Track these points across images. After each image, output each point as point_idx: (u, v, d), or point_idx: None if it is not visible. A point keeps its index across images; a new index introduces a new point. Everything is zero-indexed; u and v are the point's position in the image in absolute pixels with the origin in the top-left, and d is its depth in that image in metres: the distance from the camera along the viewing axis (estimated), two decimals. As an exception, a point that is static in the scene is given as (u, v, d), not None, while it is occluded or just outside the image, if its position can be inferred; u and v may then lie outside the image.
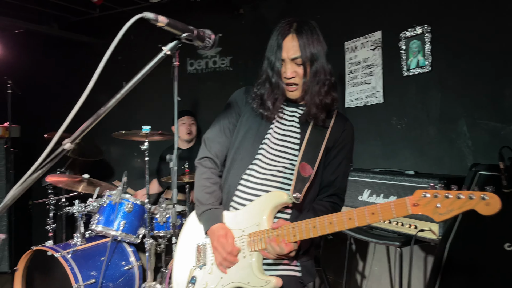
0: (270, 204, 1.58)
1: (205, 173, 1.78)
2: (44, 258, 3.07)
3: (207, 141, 1.83)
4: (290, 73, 1.61)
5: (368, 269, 3.09)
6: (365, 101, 3.22)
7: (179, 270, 1.77)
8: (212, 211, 1.70)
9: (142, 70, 1.23)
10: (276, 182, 1.66)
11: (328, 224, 1.42)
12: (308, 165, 1.63)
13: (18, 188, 1.20)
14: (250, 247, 1.57)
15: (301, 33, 1.60)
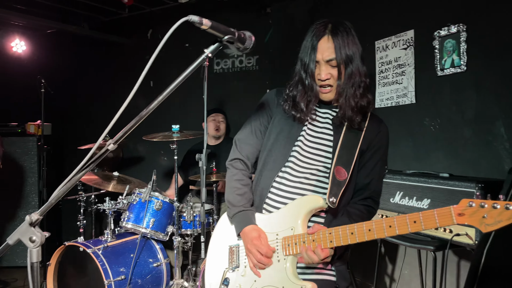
0: (305, 208, 1.56)
1: (236, 174, 1.78)
2: (76, 254, 3.14)
3: (238, 143, 1.83)
4: (325, 75, 1.58)
5: (397, 272, 3.04)
6: (396, 101, 3.16)
7: (211, 271, 1.77)
8: (244, 212, 1.70)
9: (184, 72, 1.23)
10: (309, 185, 1.65)
11: (367, 231, 1.40)
12: (343, 168, 1.60)
13: (62, 187, 1.22)
14: (284, 251, 1.56)
15: (336, 34, 1.57)
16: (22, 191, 4.69)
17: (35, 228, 1.20)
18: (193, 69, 1.24)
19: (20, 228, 1.19)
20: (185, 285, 3.30)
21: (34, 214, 1.20)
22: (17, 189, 4.67)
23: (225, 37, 1.22)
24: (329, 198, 1.54)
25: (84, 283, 3.14)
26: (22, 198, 4.69)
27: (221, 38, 1.23)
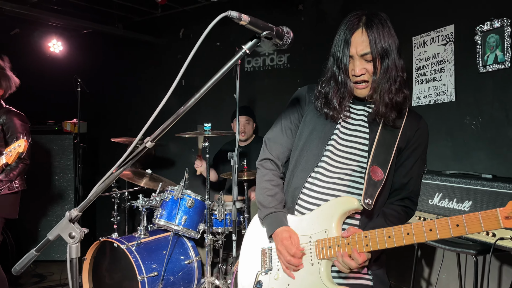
0: (339, 210, 1.50)
1: (267, 175, 1.74)
2: (110, 249, 3.21)
3: (268, 142, 1.78)
4: (359, 70, 1.50)
5: (434, 276, 2.94)
6: (434, 99, 3.06)
7: (244, 273, 1.74)
8: (275, 214, 1.65)
9: (221, 69, 1.21)
10: (344, 186, 1.57)
11: (406, 234, 1.32)
12: (379, 168, 1.52)
13: (101, 184, 1.23)
14: (318, 255, 1.50)
15: (371, 26, 1.48)
16: (58, 187, 4.84)
17: (74, 224, 1.21)
18: (231, 66, 1.22)
19: (60, 224, 1.20)
20: (216, 283, 3.31)
21: (74, 211, 1.21)
22: (54, 185, 4.82)
23: (263, 32, 1.18)
24: (364, 200, 1.47)
25: (117, 279, 3.20)
26: (58, 194, 4.84)
27: (259, 34, 1.19)
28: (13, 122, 3.03)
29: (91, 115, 5.19)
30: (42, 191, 4.70)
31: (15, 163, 2.96)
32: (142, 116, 6.02)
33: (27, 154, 3.03)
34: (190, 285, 3.37)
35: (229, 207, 3.48)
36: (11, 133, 3.02)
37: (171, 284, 3.19)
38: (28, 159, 3.07)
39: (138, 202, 3.42)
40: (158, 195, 3.42)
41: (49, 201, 4.80)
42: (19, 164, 3.00)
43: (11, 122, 3.03)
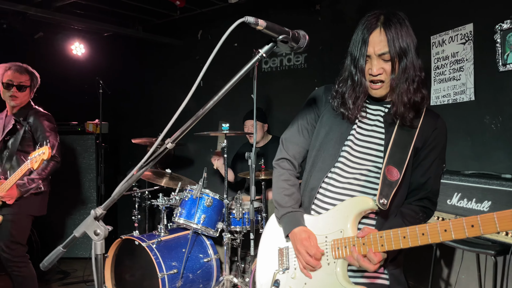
0: (354, 210, 1.51)
1: (283, 174, 1.76)
2: (131, 247, 3.28)
3: (285, 142, 1.81)
4: (377, 70, 1.50)
5: (454, 277, 2.91)
6: (453, 98, 3.03)
7: (261, 271, 1.77)
8: (292, 214, 1.67)
9: (239, 72, 1.24)
10: (359, 186, 1.58)
11: (420, 235, 1.32)
12: (394, 168, 1.52)
13: (124, 184, 1.27)
14: (334, 254, 1.52)
15: (389, 26, 1.48)
16: (81, 186, 4.97)
17: (99, 222, 1.26)
18: (248, 69, 1.25)
19: (85, 221, 1.26)
20: (234, 281, 3.35)
21: (98, 209, 1.26)
22: (76, 184, 4.95)
23: (279, 36, 1.21)
24: (379, 200, 1.47)
25: (138, 276, 3.28)
26: (81, 194, 4.97)
27: (275, 38, 1.22)
28: (41, 123, 3.13)
29: (112, 116, 5.30)
30: (65, 190, 4.81)
31: (46, 162, 3.05)
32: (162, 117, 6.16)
33: (57, 152, 3.13)
34: (209, 283, 3.43)
35: (247, 206, 3.53)
36: (40, 133, 3.12)
37: (190, 282, 3.25)
38: (59, 157, 3.15)
39: (158, 201, 3.49)
40: (177, 194, 3.49)
41: (72, 199, 4.93)
42: (50, 162, 3.08)
43: (39, 123, 3.13)
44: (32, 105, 3.28)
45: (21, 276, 3.03)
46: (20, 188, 2.94)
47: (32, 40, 5.11)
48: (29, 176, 3.00)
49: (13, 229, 2.99)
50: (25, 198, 3.05)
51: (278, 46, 1.26)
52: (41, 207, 3.22)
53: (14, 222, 3.01)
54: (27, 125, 3.11)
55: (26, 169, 2.79)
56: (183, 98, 1.23)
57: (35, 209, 3.16)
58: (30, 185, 2.99)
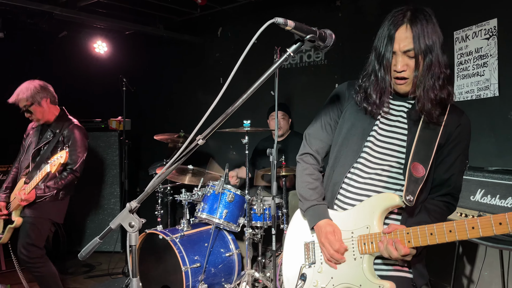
0: (380, 207, 1.53)
1: (307, 169, 1.80)
2: (155, 241, 3.36)
3: (308, 137, 1.84)
4: (401, 66, 1.51)
5: (476, 273, 2.90)
6: (477, 94, 3.00)
7: (288, 265, 1.81)
8: (317, 206, 1.70)
9: (267, 70, 1.28)
10: (381, 181, 1.61)
11: (448, 232, 1.34)
12: (420, 165, 1.53)
13: (157, 178, 1.33)
14: (360, 250, 1.55)
15: (415, 23, 1.48)
16: (105, 182, 5.09)
17: (133, 214, 1.32)
18: (276, 68, 1.29)
19: (121, 214, 1.32)
20: (255, 276, 3.40)
21: (133, 202, 1.32)
22: (100, 180, 5.08)
23: (307, 36, 1.25)
24: (405, 196, 1.49)
25: (162, 269, 3.35)
26: (105, 189, 5.10)
27: (303, 38, 1.26)
28: (74, 136, 3.24)
29: (135, 112, 5.41)
30: (90, 185, 4.94)
31: (66, 173, 3.18)
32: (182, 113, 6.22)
33: (79, 168, 3.24)
34: (230, 277, 3.49)
35: (268, 202, 3.57)
36: (71, 145, 3.22)
37: (212, 276, 3.31)
38: (79, 173, 3.26)
39: (181, 196, 3.56)
40: (199, 189, 3.55)
41: (97, 195, 5.07)
42: (69, 175, 3.20)
43: (72, 134, 3.24)
44: (67, 115, 3.39)
45: (40, 275, 3.14)
46: (37, 193, 3.06)
47: (56, 39, 5.25)
48: (47, 184, 3.11)
49: (31, 232, 3.10)
50: (46, 203, 3.15)
51: (305, 45, 1.29)
52: (59, 214, 3.32)
53: (34, 224, 3.12)
54: (61, 136, 3.22)
55: (45, 172, 2.90)
56: (203, 95, 1.28)
57: (55, 214, 3.27)
58: (46, 193, 3.11)
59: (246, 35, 3.41)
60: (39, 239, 3.14)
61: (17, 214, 3.13)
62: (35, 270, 3.12)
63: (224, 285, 3.41)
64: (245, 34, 4.87)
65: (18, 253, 3.08)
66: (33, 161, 3.22)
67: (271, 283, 3.33)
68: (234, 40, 5.07)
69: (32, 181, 2.99)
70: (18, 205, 3.09)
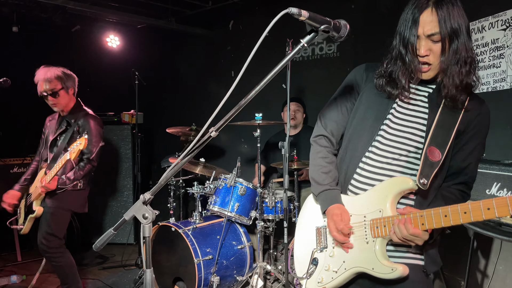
0: (393, 190, 1.51)
1: (321, 152, 1.76)
2: (168, 233, 3.40)
3: (323, 119, 1.80)
4: (424, 51, 1.47)
5: (491, 268, 2.86)
6: (493, 86, 2.95)
7: (300, 250, 1.80)
8: (329, 191, 1.68)
9: (280, 62, 1.27)
10: (398, 166, 1.57)
11: (462, 213, 1.31)
12: (437, 149, 1.51)
13: (170, 170, 1.33)
14: (373, 233, 1.53)
15: (441, 6, 1.44)
16: (118, 175, 5.14)
17: (147, 206, 1.32)
18: (290, 59, 1.28)
19: (135, 206, 1.33)
20: (267, 268, 3.41)
21: (147, 194, 1.33)
22: (113, 173, 5.12)
23: (321, 26, 1.23)
24: (419, 179, 1.47)
25: (174, 261, 3.39)
26: (118, 182, 5.14)
27: (317, 28, 1.24)
28: (89, 126, 3.26)
29: (147, 106, 5.44)
30: (103, 178, 4.99)
31: (83, 163, 3.22)
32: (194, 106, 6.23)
33: (96, 157, 3.27)
34: (242, 270, 3.51)
35: (280, 195, 3.57)
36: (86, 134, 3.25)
37: (224, 268, 3.33)
38: (96, 162, 3.28)
39: (193, 189, 3.58)
40: (212, 182, 3.56)
41: (110, 188, 5.12)
42: (87, 165, 3.23)
43: (87, 124, 3.26)
44: (82, 106, 3.42)
45: (58, 265, 3.19)
46: (59, 183, 3.09)
47: (69, 33, 5.30)
48: (67, 175, 3.14)
49: (52, 222, 3.14)
50: (66, 193, 3.19)
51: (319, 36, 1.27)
52: (81, 204, 3.36)
53: (54, 215, 3.16)
54: (77, 126, 3.25)
55: (65, 160, 2.92)
56: (215, 88, 1.27)
57: (75, 205, 3.31)
58: (67, 184, 3.14)
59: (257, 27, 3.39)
60: (59, 230, 3.19)
61: (38, 204, 3.19)
62: (54, 260, 3.17)
63: (236, 278, 3.43)
64: (256, 26, 4.84)
65: (38, 243, 3.14)
66: (51, 151, 3.26)
67: (282, 275, 3.34)
68: (246, 33, 5.05)
69: (52, 170, 3.02)
70: (39, 194, 3.14)
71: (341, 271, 1.59)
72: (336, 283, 1.61)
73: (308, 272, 1.66)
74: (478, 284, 2.94)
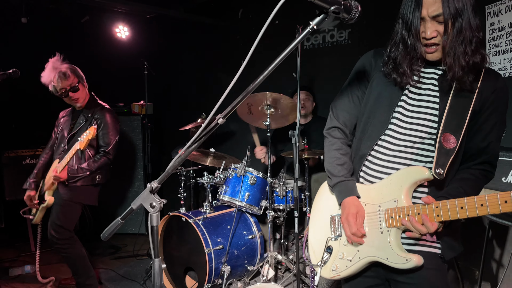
0: (409, 180, 1.48)
1: (335, 143, 1.74)
2: (178, 223, 3.40)
3: (335, 110, 1.78)
4: (431, 33, 1.43)
5: (506, 257, 2.80)
6: (509, 71, 2.86)
7: (314, 238, 1.79)
8: (345, 183, 1.66)
9: (288, 46, 1.23)
10: (411, 153, 1.54)
11: (479, 206, 1.28)
12: (451, 135, 1.46)
13: (178, 159, 1.31)
14: (387, 223, 1.51)
15: None
16: (128, 165, 5.15)
17: (154, 195, 1.30)
18: (298, 42, 1.24)
19: (142, 195, 1.31)
20: (278, 258, 3.40)
21: (154, 183, 1.31)
22: (124, 163, 5.13)
23: (331, 7, 1.18)
24: (435, 169, 1.43)
25: (185, 251, 3.39)
26: (128, 172, 5.16)
27: (327, 9, 1.19)
28: (106, 120, 3.29)
29: (157, 96, 5.42)
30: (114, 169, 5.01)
31: (99, 156, 3.24)
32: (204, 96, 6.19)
33: (112, 150, 3.30)
34: (253, 259, 3.50)
35: (290, 185, 3.54)
36: (103, 129, 3.27)
37: (235, 258, 3.32)
38: (112, 155, 3.31)
39: (203, 179, 3.57)
40: (222, 172, 3.54)
41: (121, 178, 5.13)
42: (102, 158, 3.25)
43: (103, 118, 3.29)
44: (97, 100, 3.44)
45: (68, 256, 3.23)
46: (69, 173, 3.10)
47: (79, 24, 5.29)
48: (80, 165, 3.15)
49: (62, 214, 3.17)
50: (79, 186, 3.21)
51: (329, 17, 1.23)
52: (93, 198, 3.39)
53: (64, 207, 3.19)
54: (94, 120, 3.26)
55: (75, 149, 2.94)
56: (224, 77, 1.24)
57: (87, 198, 3.34)
58: (78, 173, 3.15)
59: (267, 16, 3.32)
60: (68, 222, 3.21)
61: (50, 194, 3.21)
62: (63, 251, 3.20)
63: (247, 267, 3.42)
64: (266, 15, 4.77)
65: (48, 234, 3.17)
66: (68, 146, 3.27)
67: (293, 265, 3.33)
68: (255, 22, 4.98)
69: (63, 160, 3.04)
70: (51, 184, 3.17)
71: (355, 260, 1.58)
72: (350, 272, 1.60)
73: (322, 260, 1.66)
74: (493, 274, 2.88)
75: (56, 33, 5.39)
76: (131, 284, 3.67)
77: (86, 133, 2.90)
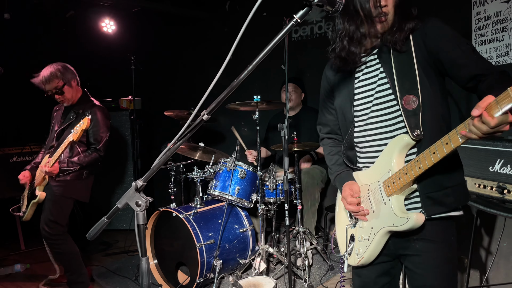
0: (395, 150, 1.54)
1: (327, 149, 1.92)
2: (169, 219, 3.39)
3: (319, 127, 1.95)
4: (384, 1, 1.47)
5: (494, 245, 2.84)
6: (495, 60, 2.87)
7: (339, 232, 1.88)
8: (339, 175, 1.80)
9: (273, 39, 1.21)
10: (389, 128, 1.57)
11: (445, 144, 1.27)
12: (411, 95, 1.48)
13: (163, 156, 1.29)
14: (387, 193, 1.56)
15: None
16: (118, 161, 5.11)
17: (140, 193, 1.29)
18: (282, 36, 1.22)
19: (127, 193, 1.29)
20: (270, 251, 3.41)
21: (139, 181, 1.29)
22: (113, 159, 5.08)
23: (314, 0, 1.17)
24: (412, 133, 1.47)
25: (177, 246, 3.39)
26: (118, 168, 5.12)
27: (310, 2, 1.18)
28: (96, 117, 3.27)
29: (145, 91, 5.37)
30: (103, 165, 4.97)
31: (90, 152, 3.22)
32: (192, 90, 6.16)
33: (103, 147, 3.29)
34: (245, 253, 3.50)
35: (280, 178, 3.54)
36: (93, 126, 3.24)
37: (227, 252, 3.33)
38: (103, 152, 3.30)
39: (193, 174, 3.56)
40: (211, 167, 3.53)
41: (110, 175, 5.09)
42: (93, 153, 3.24)
43: (94, 115, 3.26)
44: (89, 97, 3.43)
45: (60, 251, 3.22)
46: (61, 167, 3.08)
47: (64, 19, 5.19)
48: (71, 159, 3.13)
49: (54, 209, 3.16)
50: (69, 181, 3.19)
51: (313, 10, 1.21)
52: (85, 193, 3.38)
53: (56, 202, 3.18)
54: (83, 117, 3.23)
55: (68, 141, 2.91)
56: (212, 71, 1.22)
57: (78, 193, 3.33)
58: (69, 167, 3.13)
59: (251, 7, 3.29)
60: (61, 217, 3.20)
61: (41, 189, 3.19)
62: (56, 247, 3.19)
63: (239, 261, 3.43)
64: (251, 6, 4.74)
65: (40, 230, 3.16)
66: (57, 140, 3.26)
67: (285, 257, 3.34)
68: (243, 14, 4.94)
69: (56, 153, 3.02)
70: (42, 179, 3.14)
71: (372, 237, 1.64)
72: (371, 251, 1.65)
73: (347, 251, 1.74)
74: (481, 262, 2.92)
75: (40, 29, 5.29)
76: (122, 281, 3.66)
77: (80, 124, 2.87)
